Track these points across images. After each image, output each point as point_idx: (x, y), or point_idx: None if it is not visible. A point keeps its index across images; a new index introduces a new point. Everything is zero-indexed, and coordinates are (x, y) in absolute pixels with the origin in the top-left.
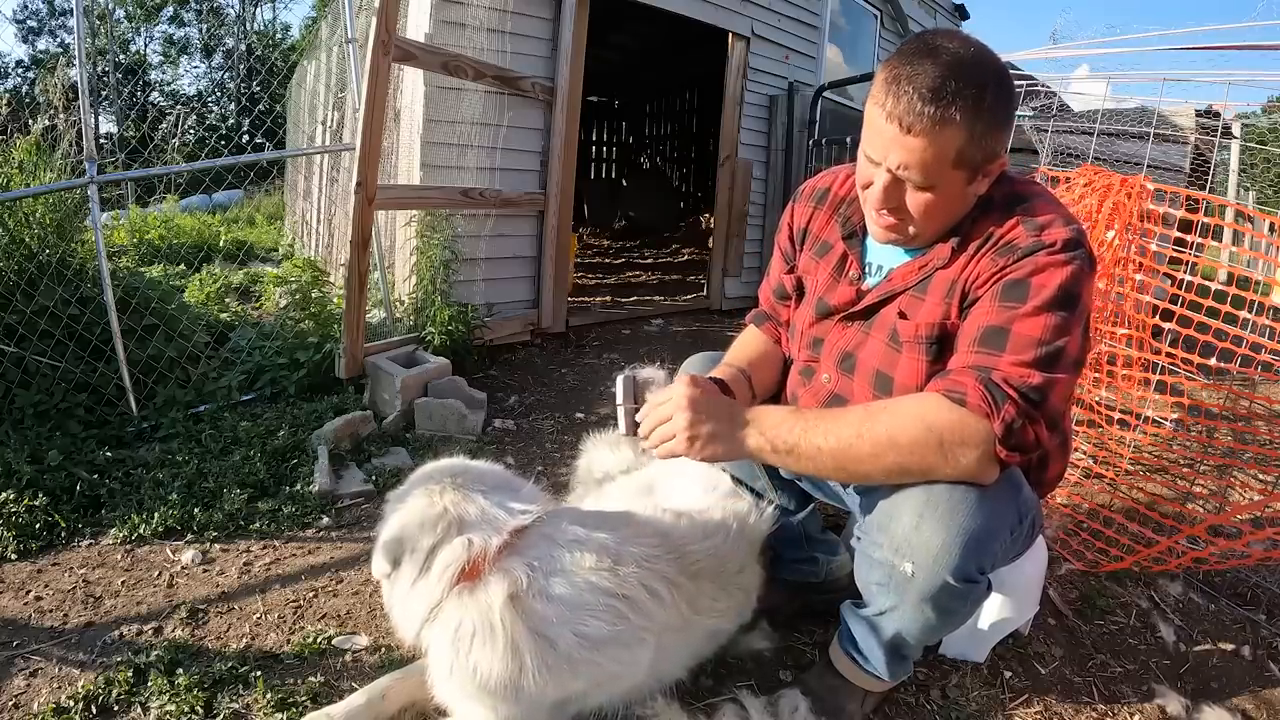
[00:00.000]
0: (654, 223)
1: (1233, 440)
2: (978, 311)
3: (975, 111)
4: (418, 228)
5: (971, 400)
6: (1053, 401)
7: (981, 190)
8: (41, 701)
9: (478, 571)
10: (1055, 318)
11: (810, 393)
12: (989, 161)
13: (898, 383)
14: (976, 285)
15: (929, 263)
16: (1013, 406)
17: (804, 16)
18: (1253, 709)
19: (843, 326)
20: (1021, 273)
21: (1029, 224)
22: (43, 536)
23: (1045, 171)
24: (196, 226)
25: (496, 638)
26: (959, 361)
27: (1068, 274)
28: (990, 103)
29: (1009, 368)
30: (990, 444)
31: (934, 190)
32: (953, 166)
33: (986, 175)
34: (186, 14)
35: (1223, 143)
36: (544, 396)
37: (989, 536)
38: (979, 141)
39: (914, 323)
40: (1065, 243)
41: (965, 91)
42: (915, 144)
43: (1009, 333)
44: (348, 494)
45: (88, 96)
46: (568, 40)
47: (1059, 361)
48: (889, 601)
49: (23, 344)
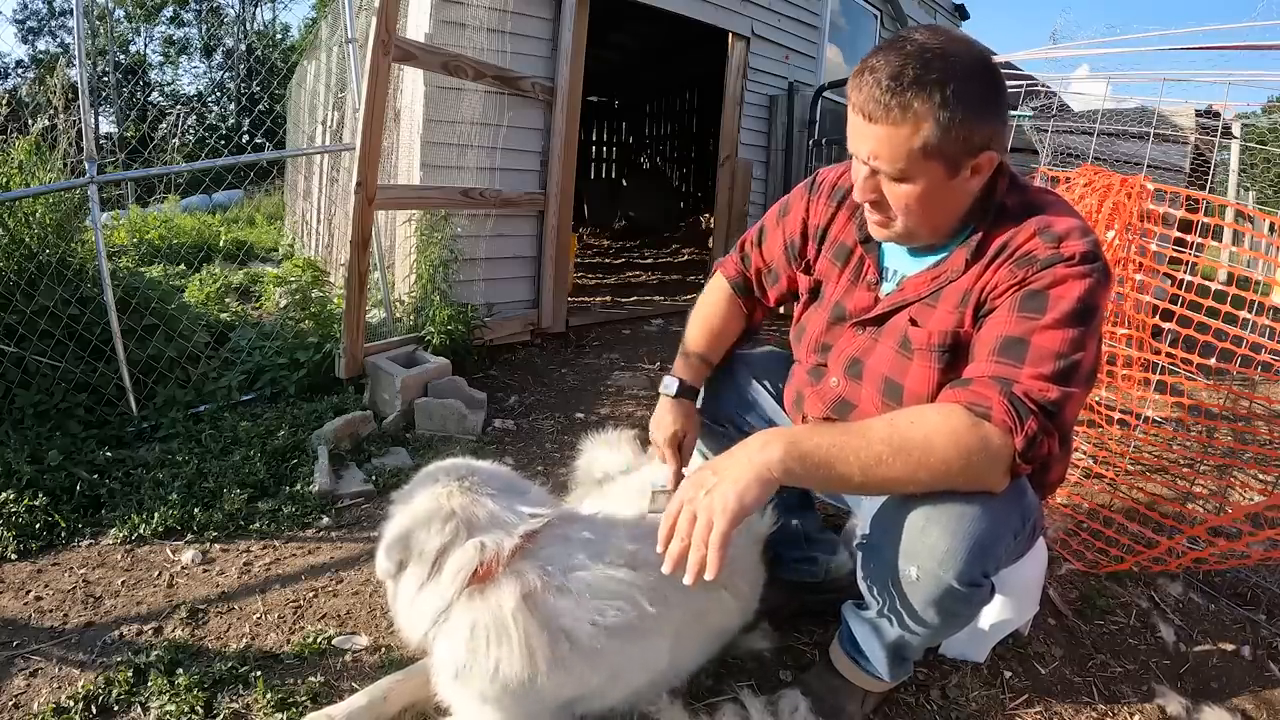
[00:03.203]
0: (654, 223)
1: (1233, 440)
2: (995, 320)
3: (938, 100)
4: (418, 228)
5: (996, 415)
6: (1067, 416)
7: (974, 187)
8: (41, 701)
9: (490, 574)
10: (1073, 332)
11: (817, 394)
12: (969, 155)
13: (908, 390)
14: (994, 295)
15: (942, 274)
16: (1035, 421)
17: (804, 16)
18: (1253, 709)
19: (854, 332)
20: (1040, 284)
21: (1047, 235)
22: (43, 536)
23: (1045, 171)
24: (196, 226)
25: (511, 636)
26: (978, 371)
27: (1085, 287)
28: (957, 91)
29: (1029, 380)
30: (1012, 458)
31: (910, 182)
32: (923, 157)
33: (976, 172)
34: (186, 14)
35: (1223, 143)
36: (544, 396)
37: (994, 541)
38: (948, 131)
39: (926, 330)
40: (1083, 255)
41: (926, 79)
42: (878, 132)
43: (1029, 344)
44: (348, 494)
45: (88, 96)
46: (568, 40)
47: (1075, 375)
48: (892, 604)
49: (23, 344)
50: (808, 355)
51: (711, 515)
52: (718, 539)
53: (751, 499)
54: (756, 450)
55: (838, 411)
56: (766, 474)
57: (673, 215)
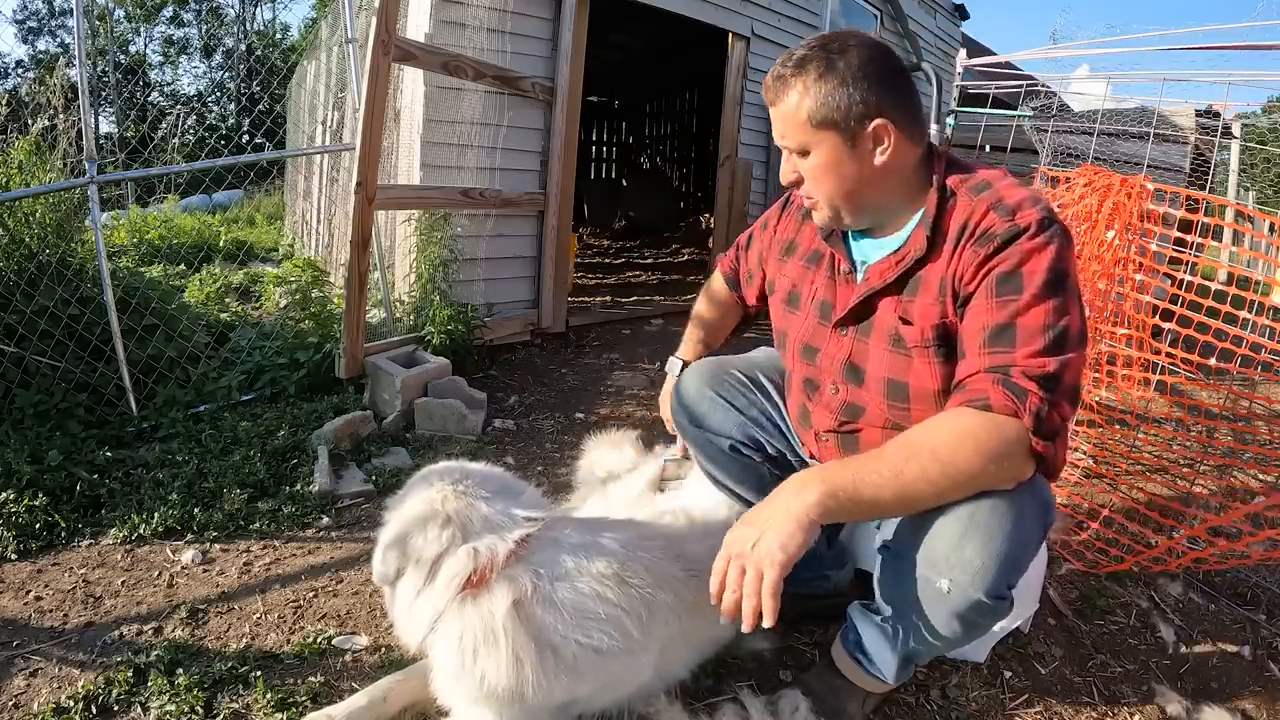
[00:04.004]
0: (654, 223)
1: (1233, 440)
2: (976, 310)
3: (814, 75)
4: (417, 227)
5: (996, 403)
6: (1068, 380)
7: (886, 162)
8: (41, 701)
9: (484, 580)
10: (1054, 301)
11: (821, 405)
12: (857, 122)
13: (914, 388)
14: (965, 282)
15: (905, 256)
16: (1035, 397)
17: (804, 16)
18: (1253, 709)
19: (838, 335)
20: (1010, 264)
21: (1001, 209)
22: (43, 536)
23: (1045, 171)
24: (196, 226)
25: (500, 647)
26: (972, 366)
27: (1053, 255)
28: (830, 63)
29: (1025, 360)
30: (1026, 440)
31: (812, 153)
32: (812, 126)
33: (878, 143)
34: (186, 14)
35: (1223, 143)
36: (544, 396)
37: (1023, 556)
38: (827, 100)
39: (918, 327)
40: (1040, 223)
41: (804, 60)
42: (775, 114)
43: (1015, 327)
44: (348, 494)
45: (88, 96)
46: (568, 40)
47: (1067, 342)
48: (916, 613)
49: (23, 344)
50: (794, 363)
51: (760, 567)
52: (770, 588)
53: (795, 547)
54: (793, 497)
55: (848, 415)
56: (806, 520)
57: (673, 215)
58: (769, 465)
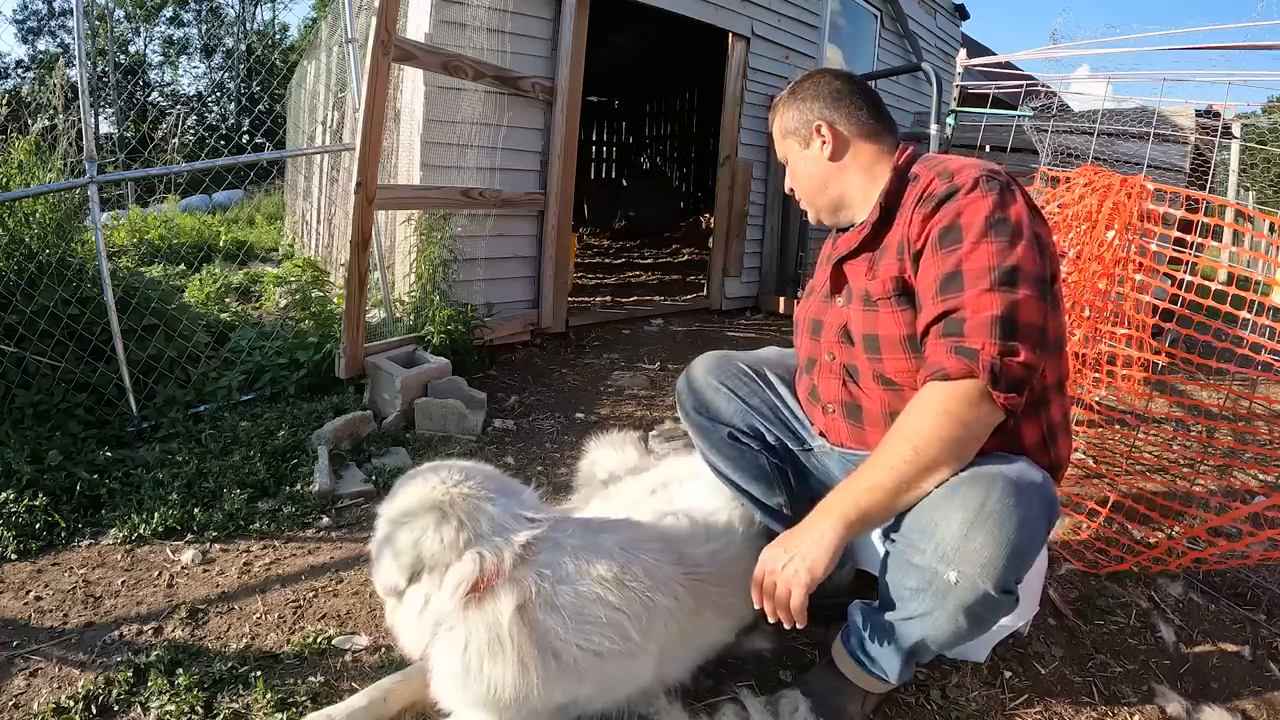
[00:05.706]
0: (654, 223)
1: (1233, 440)
2: (926, 264)
3: (784, 102)
4: (417, 227)
5: (952, 369)
6: (1023, 318)
7: (828, 153)
8: (41, 701)
9: (490, 585)
10: (995, 243)
11: (825, 374)
12: (805, 127)
13: (883, 337)
14: (915, 240)
15: (866, 225)
16: (987, 352)
17: (804, 16)
18: (1253, 709)
19: (833, 307)
20: (948, 218)
21: (943, 175)
22: (43, 536)
23: (1045, 171)
24: (196, 226)
25: (506, 652)
26: (930, 314)
27: (991, 203)
28: (794, 90)
29: (974, 300)
30: (986, 394)
31: (788, 161)
32: (781, 136)
33: (824, 141)
34: (186, 14)
35: (1223, 143)
36: (544, 396)
37: (1031, 549)
38: (791, 115)
39: (880, 281)
40: (976, 180)
41: (784, 92)
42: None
43: (961, 273)
44: (348, 494)
45: (88, 96)
46: (568, 40)
47: (1016, 280)
48: (922, 607)
49: (23, 344)
50: (804, 341)
51: (790, 586)
52: (798, 604)
53: (821, 569)
54: (815, 527)
55: (849, 376)
56: (830, 546)
57: (673, 215)
58: (766, 454)
